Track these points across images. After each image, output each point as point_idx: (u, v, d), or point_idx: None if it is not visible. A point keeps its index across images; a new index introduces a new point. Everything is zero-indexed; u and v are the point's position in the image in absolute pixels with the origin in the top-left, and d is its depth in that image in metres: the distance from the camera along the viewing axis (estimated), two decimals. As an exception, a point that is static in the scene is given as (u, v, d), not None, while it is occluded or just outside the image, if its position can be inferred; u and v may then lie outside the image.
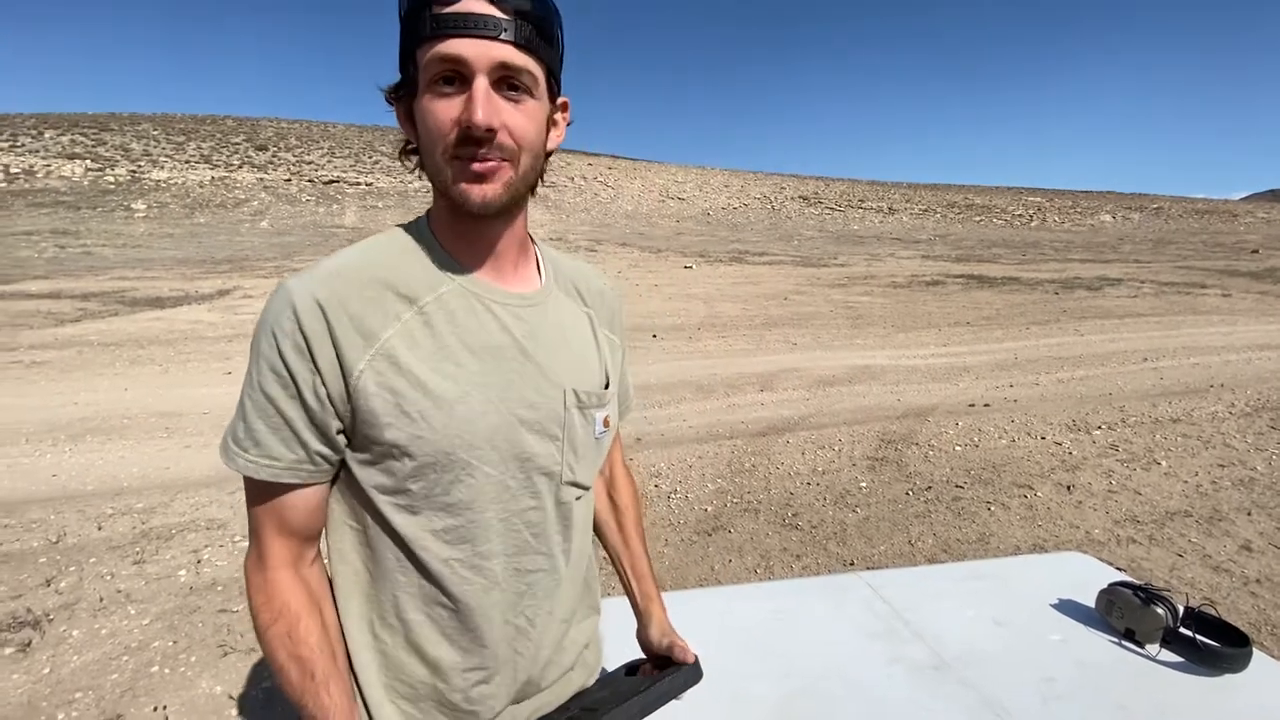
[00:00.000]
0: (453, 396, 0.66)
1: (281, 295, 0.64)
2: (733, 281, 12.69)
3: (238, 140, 28.97)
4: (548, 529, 0.75)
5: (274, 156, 27.02)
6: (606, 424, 0.79)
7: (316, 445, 0.65)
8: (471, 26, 0.60)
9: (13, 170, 20.84)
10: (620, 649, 0.97)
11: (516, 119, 0.63)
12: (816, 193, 38.32)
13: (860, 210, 33.43)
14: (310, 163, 26.83)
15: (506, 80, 0.62)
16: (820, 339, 7.94)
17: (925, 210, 35.25)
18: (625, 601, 0.98)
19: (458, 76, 0.61)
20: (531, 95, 0.64)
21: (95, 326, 7.54)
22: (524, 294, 0.74)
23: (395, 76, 0.68)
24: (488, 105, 0.61)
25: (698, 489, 3.65)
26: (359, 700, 0.71)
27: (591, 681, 0.89)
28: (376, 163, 28.23)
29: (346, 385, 0.64)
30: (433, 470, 0.66)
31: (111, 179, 21.29)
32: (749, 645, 1.18)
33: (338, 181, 24.47)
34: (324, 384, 0.63)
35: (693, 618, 1.25)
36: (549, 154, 0.70)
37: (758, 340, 7.81)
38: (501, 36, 0.61)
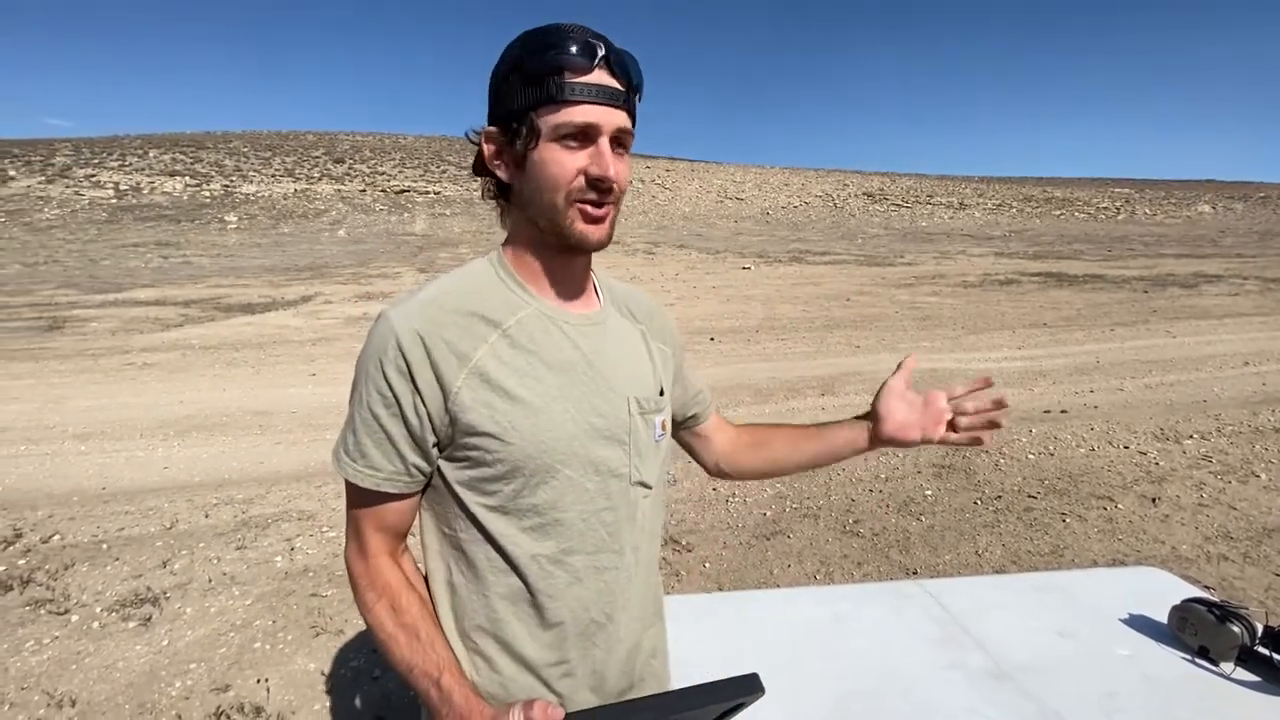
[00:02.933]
0: (537, 406, 0.75)
1: (384, 325, 0.74)
2: (793, 282, 12.51)
3: (317, 154, 30.71)
4: (620, 529, 0.82)
5: (350, 169, 28.49)
6: (664, 428, 0.87)
7: (413, 459, 0.75)
8: (604, 98, 0.72)
9: (122, 187, 22.83)
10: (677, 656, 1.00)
11: (622, 169, 0.75)
12: (881, 189, 37.16)
13: (928, 206, 32.19)
14: (383, 173, 28.15)
15: (617, 139, 0.74)
16: (885, 341, 7.75)
17: (999, 205, 33.58)
18: (681, 604, 1.00)
19: (583, 135, 0.72)
20: (628, 150, 0.76)
21: (196, 331, 8.21)
22: (587, 314, 0.83)
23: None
24: (613, 162, 0.73)
25: (756, 493, 3.66)
26: None
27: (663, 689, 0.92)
28: (444, 172, 29.32)
29: (446, 402, 0.73)
30: (520, 474, 0.75)
31: (207, 194, 23.00)
32: (807, 646, 1.22)
33: (408, 191, 25.57)
34: (424, 403, 0.73)
35: (752, 618, 1.30)
36: None
37: (819, 343, 7.69)
38: (622, 105, 0.73)
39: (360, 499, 0.77)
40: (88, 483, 3.84)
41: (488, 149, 0.77)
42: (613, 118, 0.72)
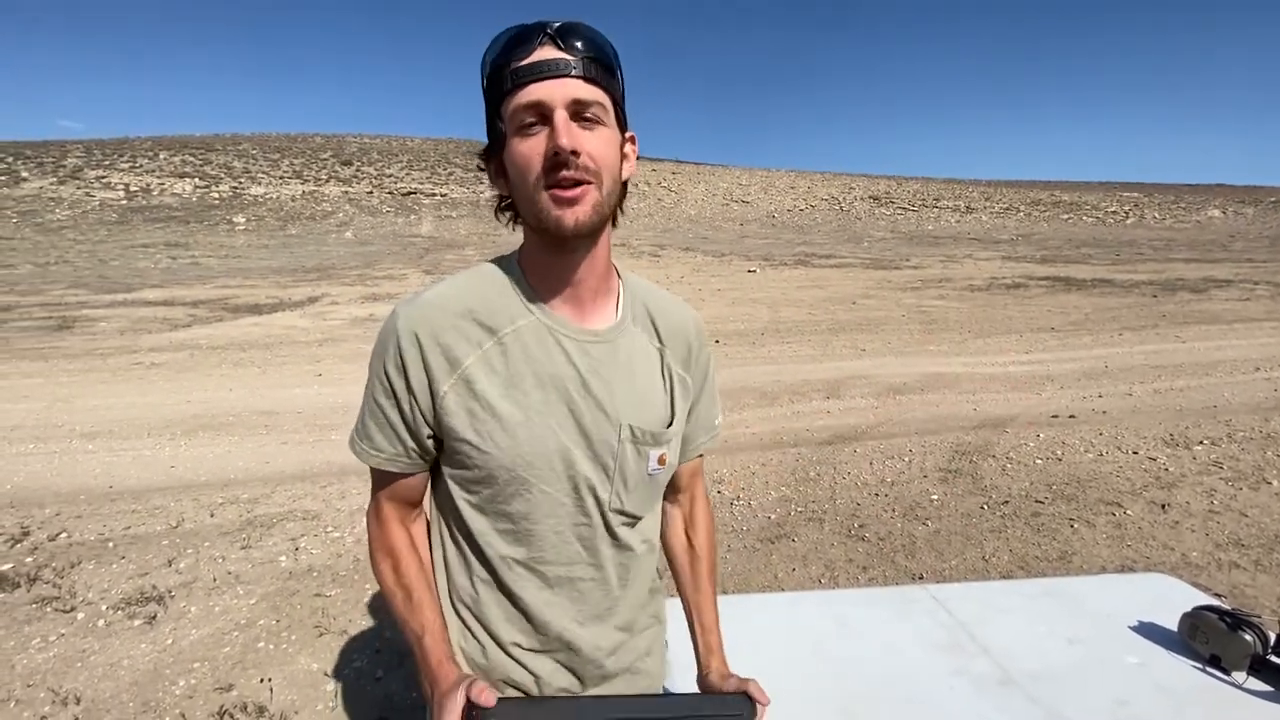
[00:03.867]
0: (516, 421, 0.75)
1: (391, 322, 0.77)
2: (798, 285, 12.48)
3: (325, 156, 30.88)
4: (598, 545, 0.82)
5: (358, 171, 28.62)
6: (662, 462, 0.83)
7: (411, 444, 0.79)
8: (546, 71, 0.69)
9: (132, 189, 23.00)
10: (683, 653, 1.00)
11: (594, 143, 0.71)
12: (888, 192, 37.05)
13: (935, 210, 32.07)
14: (390, 175, 28.26)
15: (580, 113, 0.70)
16: (891, 345, 7.71)
17: (1006, 209, 33.44)
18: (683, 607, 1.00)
19: (539, 117, 0.70)
20: (603, 124, 0.72)
21: (204, 331, 8.25)
22: (595, 330, 0.80)
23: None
24: (568, 131, 0.69)
25: (760, 496, 3.65)
26: None
27: (656, 688, 0.94)
28: (451, 174, 29.42)
29: (434, 402, 0.76)
30: (495, 482, 0.77)
31: (216, 195, 23.15)
32: (811, 650, 1.21)
33: (415, 193, 25.67)
34: (415, 400, 0.77)
35: (755, 622, 1.29)
36: (625, 183, 0.77)
37: (824, 346, 7.66)
38: (571, 74, 0.69)
39: (376, 472, 0.83)
40: (94, 481, 3.86)
41: (489, 170, 0.78)
42: (562, 89, 0.69)
